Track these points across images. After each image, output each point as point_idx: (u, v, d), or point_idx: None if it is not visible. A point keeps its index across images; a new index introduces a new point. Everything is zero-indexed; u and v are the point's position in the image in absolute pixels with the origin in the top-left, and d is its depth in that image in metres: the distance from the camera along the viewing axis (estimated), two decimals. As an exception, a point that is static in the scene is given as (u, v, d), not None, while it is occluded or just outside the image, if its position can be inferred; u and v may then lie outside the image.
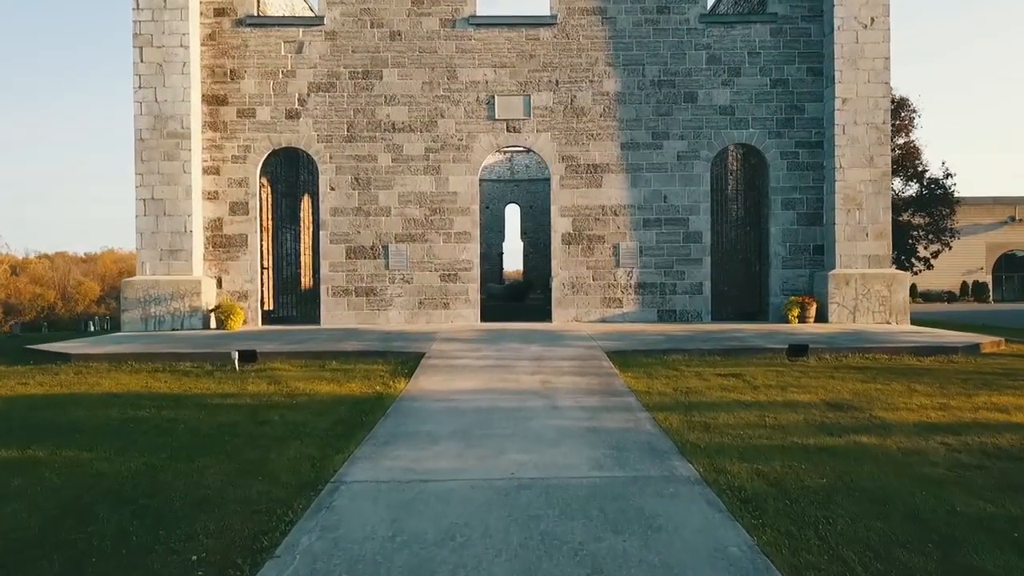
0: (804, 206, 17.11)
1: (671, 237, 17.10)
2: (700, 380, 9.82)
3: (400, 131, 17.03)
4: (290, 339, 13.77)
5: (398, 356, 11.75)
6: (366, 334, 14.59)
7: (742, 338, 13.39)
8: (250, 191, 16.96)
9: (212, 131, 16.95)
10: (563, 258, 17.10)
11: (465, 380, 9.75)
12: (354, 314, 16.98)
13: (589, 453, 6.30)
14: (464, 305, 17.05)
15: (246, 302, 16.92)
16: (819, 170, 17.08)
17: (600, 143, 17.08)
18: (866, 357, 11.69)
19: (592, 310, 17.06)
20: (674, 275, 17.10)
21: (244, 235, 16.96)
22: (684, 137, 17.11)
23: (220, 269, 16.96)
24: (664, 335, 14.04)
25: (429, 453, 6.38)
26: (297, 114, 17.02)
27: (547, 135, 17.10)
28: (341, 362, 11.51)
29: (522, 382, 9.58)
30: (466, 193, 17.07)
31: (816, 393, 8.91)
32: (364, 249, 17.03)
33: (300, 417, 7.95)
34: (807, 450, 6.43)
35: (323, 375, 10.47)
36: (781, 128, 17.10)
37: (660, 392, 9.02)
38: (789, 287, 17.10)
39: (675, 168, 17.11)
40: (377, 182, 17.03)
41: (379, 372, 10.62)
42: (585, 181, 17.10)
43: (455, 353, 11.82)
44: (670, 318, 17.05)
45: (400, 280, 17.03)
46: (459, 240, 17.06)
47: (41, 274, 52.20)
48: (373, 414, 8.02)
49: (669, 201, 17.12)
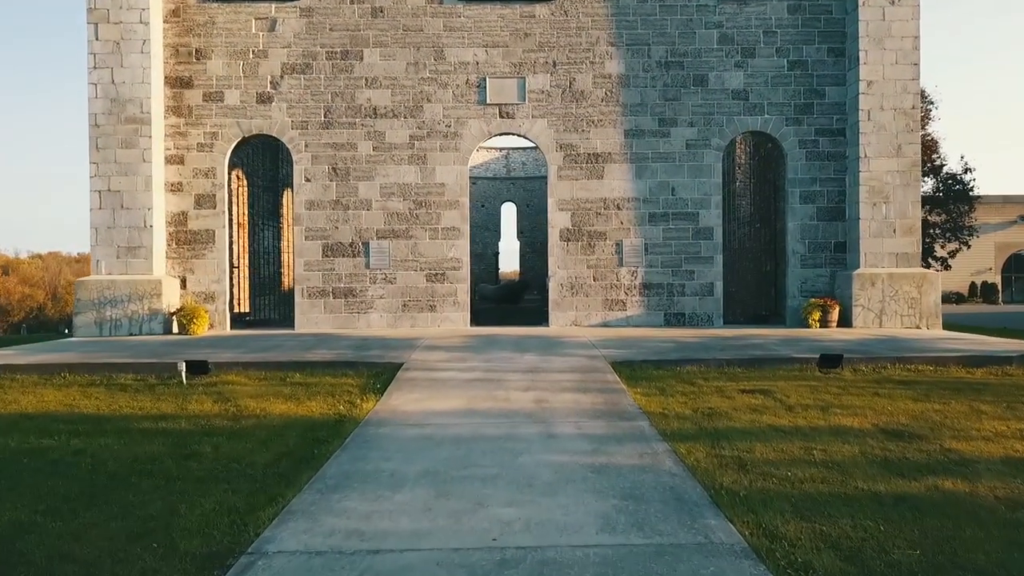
0: (825, 200, 15.64)
1: (679, 233, 15.61)
2: (723, 398, 8.33)
3: (382, 117, 15.52)
4: (255, 346, 12.26)
5: (372, 367, 10.24)
6: (341, 340, 13.08)
7: (763, 345, 11.91)
8: (217, 182, 15.44)
9: (175, 116, 15.43)
10: (561, 256, 15.60)
11: (446, 398, 8.26)
12: (331, 318, 15.46)
13: (596, 506, 4.82)
14: (452, 308, 15.55)
15: (213, 304, 15.39)
16: (841, 160, 15.60)
17: (602, 130, 15.59)
18: (908, 368, 10.21)
19: (593, 313, 15.57)
20: (683, 275, 15.61)
21: (211, 231, 15.43)
22: (693, 124, 15.63)
23: (184, 268, 15.44)
24: (674, 342, 12.55)
25: (388, 505, 4.89)
26: (269, 98, 15.50)
27: (543, 121, 15.60)
28: (306, 374, 10.00)
29: (513, 401, 8.08)
30: (454, 185, 15.56)
31: (865, 416, 7.43)
32: (342, 246, 15.52)
33: (238, 448, 6.45)
34: (879, 501, 4.95)
35: (281, 390, 8.96)
36: (799, 114, 15.62)
37: (678, 414, 7.53)
38: (808, 288, 15.63)
39: (684, 157, 15.63)
40: (357, 172, 15.52)
41: (347, 387, 9.12)
42: (585, 172, 15.61)
43: (438, 364, 10.32)
44: (678, 322, 15.57)
45: (382, 280, 15.52)
46: (447, 236, 15.56)
47: (31, 274, 50.83)
48: (328, 444, 6.54)
49: (677, 194, 15.63)
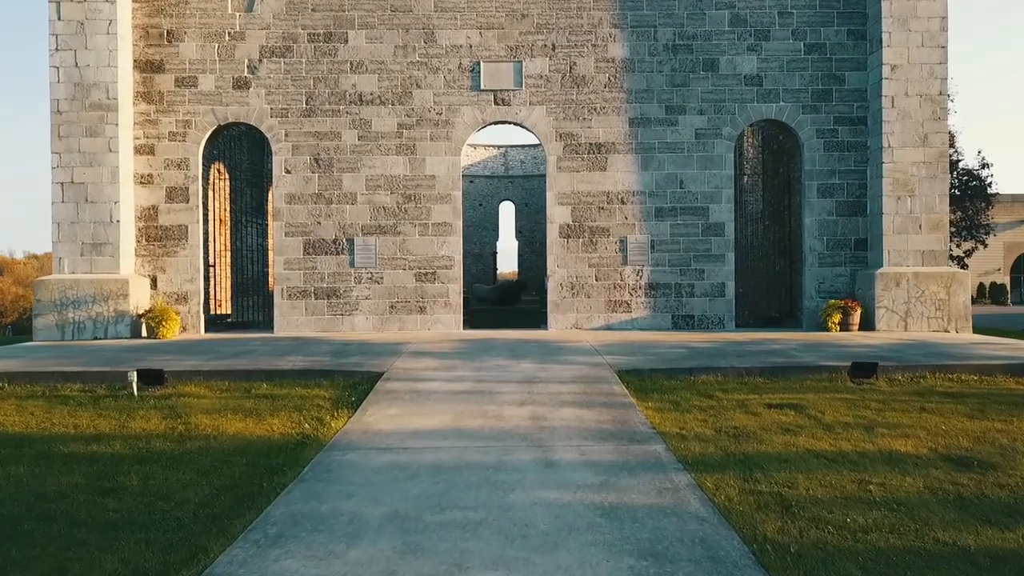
0: (844, 193, 14.53)
1: (688, 229, 14.50)
2: (748, 414, 7.23)
3: (368, 103, 14.41)
4: (224, 352, 11.14)
5: (349, 376, 9.13)
6: (321, 345, 11.97)
7: (783, 351, 10.80)
8: (191, 174, 14.32)
9: (145, 103, 14.32)
10: (561, 254, 14.49)
11: (429, 414, 7.14)
12: (313, 320, 14.35)
13: (608, 568, 3.71)
14: (443, 309, 14.43)
15: (186, 305, 14.27)
16: (862, 151, 14.50)
17: (604, 118, 14.49)
18: (950, 378, 9.10)
19: (595, 315, 14.46)
20: (692, 274, 14.50)
21: (183, 226, 14.31)
22: (703, 112, 14.52)
23: (155, 267, 14.32)
24: (685, 347, 11.44)
25: (338, 568, 3.78)
26: (246, 83, 14.38)
27: (542, 108, 14.50)
28: (275, 384, 8.89)
29: (506, 418, 6.97)
30: (446, 177, 14.45)
31: (919, 438, 6.32)
32: (325, 243, 14.40)
33: (173, 479, 5.35)
34: (973, 561, 3.84)
35: (242, 404, 7.85)
36: (817, 101, 14.52)
37: (698, 435, 6.43)
38: (826, 288, 14.52)
39: (693, 148, 14.52)
40: (341, 164, 14.40)
41: (318, 400, 8.02)
42: (587, 163, 14.50)
43: (423, 373, 9.21)
44: (687, 325, 14.46)
45: (368, 280, 14.41)
46: (438, 232, 14.44)
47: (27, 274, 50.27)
48: (282, 474, 5.44)
49: (686, 187, 14.53)
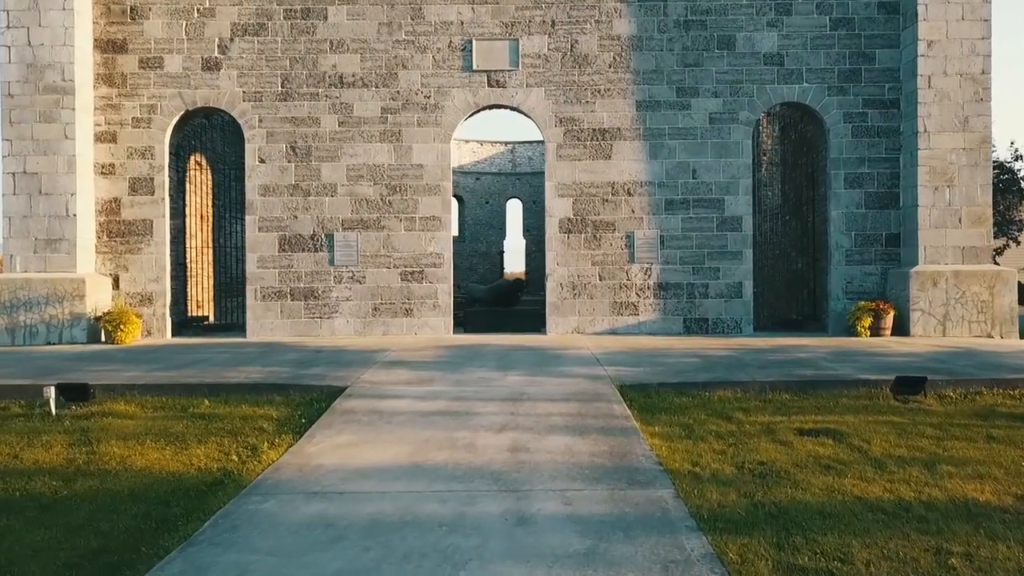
0: (874, 183, 13.13)
1: (702, 223, 13.15)
2: (777, 444, 5.89)
3: (350, 86, 13.15)
4: (177, 361, 9.91)
5: (306, 392, 7.86)
6: (288, 352, 10.71)
7: (811, 361, 9.44)
8: (156, 164, 13.11)
9: (107, 86, 13.12)
10: (561, 251, 13.17)
11: (385, 443, 5.86)
12: (289, 324, 13.10)
13: None
14: (431, 312, 13.15)
15: (151, 307, 13.07)
16: (895, 136, 13.10)
17: (609, 101, 13.16)
18: (1012, 395, 7.72)
19: (598, 318, 13.13)
20: (705, 273, 13.15)
21: (148, 221, 13.10)
22: (718, 94, 13.16)
23: (117, 265, 13.12)
24: (698, 355, 10.10)
25: None
26: (217, 64, 13.16)
27: (540, 91, 13.18)
28: (218, 401, 7.64)
29: (479, 449, 5.68)
30: (435, 166, 13.17)
31: (997, 480, 4.97)
32: (302, 239, 13.16)
33: (28, 540, 4.11)
34: None
35: (172, 427, 6.60)
36: (845, 82, 13.13)
37: (716, 474, 5.11)
38: (855, 289, 13.13)
39: (707, 134, 13.16)
40: (320, 152, 13.15)
41: (262, 421, 6.76)
42: (590, 151, 13.17)
43: (392, 388, 7.92)
44: (700, 329, 13.11)
45: (349, 279, 13.15)
46: (425, 227, 13.16)
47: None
48: (173, 532, 4.19)
49: (699, 177, 13.17)
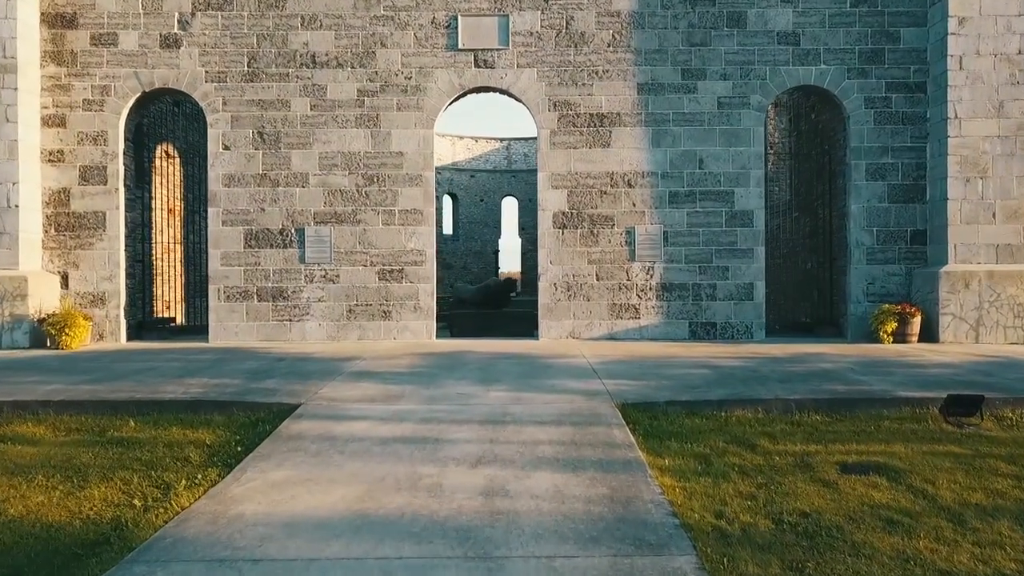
0: (899, 175, 11.99)
1: (709, 218, 11.99)
2: (817, 485, 4.73)
3: (323, 66, 11.97)
4: (115, 371, 8.71)
5: (251, 411, 6.67)
6: (246, 360, 9.51)
7: (838, 374, 8.27)
8: (109, 150, 11.90)
9: (55, 65, 11.91)
10: (555, 248, 12.00)
11: (330, 483, 4.67)
12: (256, 327, 11.90)
13: None
14: (412, 315, 11.96)
15: (103, 308, 11.86)
16: (921, 123, 11.95)
17: (608, 84, 11.99)
18: (1082, 417, 6.58)
19: (595, 322, 11.96)
20: (713, 272, 11.99)
21: (100, 213, 11.90)
22: (728, 76, 12.01)
23: (66, 261, 11.91)
24: (708, 365, 8.93)
25: None
26: (177, 41, 11.95)
27: (532, 72, 12.01)
28: (146, 421, 6.45)
29: (446, 492, 4.49)
30: (416, 154, 11.99)
31: (1120, 543, 3.82)
32: (270, 234, 11.96)
33: None
34: None
35: (81, 456, 5.42)
36: (866, 64, 11.98)
37: (749, 533, 3.93)
38: (876, 290, 11.98)
39: (715, 120, 12.00)
40: (290, 138, 11.96)
41: (191, 448, 5.58)
42: (587, 138, 12.01)
43: (352, 407, 6.73)
44: (707, 334, 11.94)
45: (321, 278, 11.96)
46: (406, 221, 11.98)
47: None
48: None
49: (706, 167, 12.02)
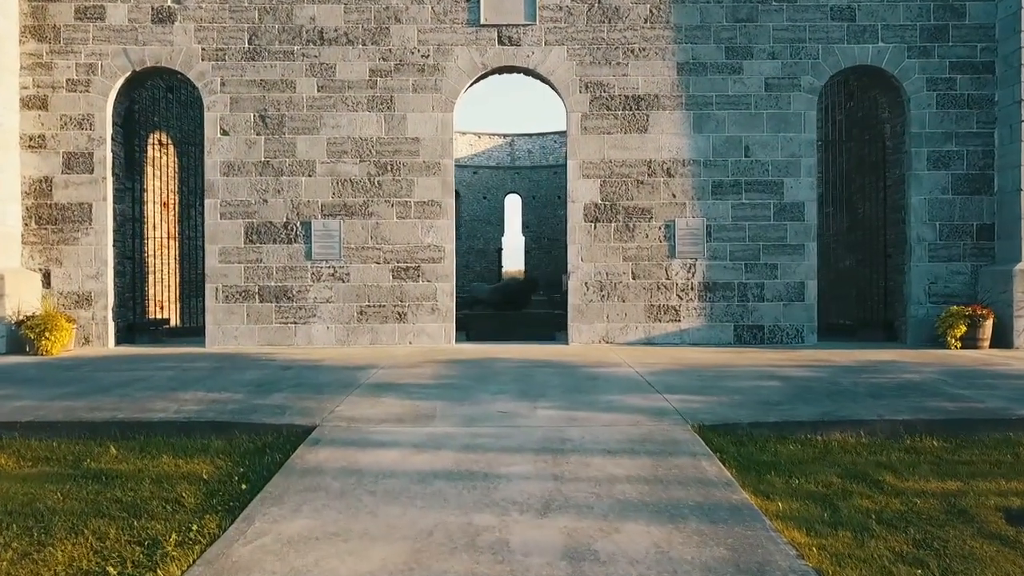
0: (963, 164, 10.94)
1: (756, 211, 10.93)
2: (997, 545, 3.63)
3: (331, 43, 10.89)
4: (100, 382, 7.62)
5: (258, 433, 5.58)
6: (248, 369, 8.42)
7: (930, 387, 7.20)
8: (96, 135, 10.82)
9: (36, 41, 10.82)
10: (586, 243, 10.94)
11: (365, 539, 3.55)
12: (257, 330, 10.82)
13: None
14: (429, 316, 10.89)
15: (89, 309, 10.77)
16: (988, 107, 10.91)
17: (645, 63, 10.92)
18: None
19: (630, 325, 10.89)
20: (760, 271, 10.93)
21: (86, 205, 10.82)
22: (776, 55, 10.95)
23: (48, 258, 10.82)
24: (773, 375, 7.85)
25: None
26: (170, 15, 10.87)
27: (561, 50, 10.94)
28: (133, 447, 5.36)
29: (515, 554, 3.36)
30: (433, 140, 10.92)
31: None
32: (273, 228, 10.88)
33: None
34: None
35: (48, 495, 4.33)
36: (928, 41, 10.93)
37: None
38: (940, 291, 10.92)
39: (762, 103, 10.95)
40: (295, 123, 10.89)
41: (184, 484, 4.48)
42: (621, 122, 10.94)
43: (377, 429, 5.64)
44: (753, 338, 10.88)
45: (329, 276, 10.88)
46: (422, 214, 10.91)
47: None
48: None
49: (753, 154, 10.96)
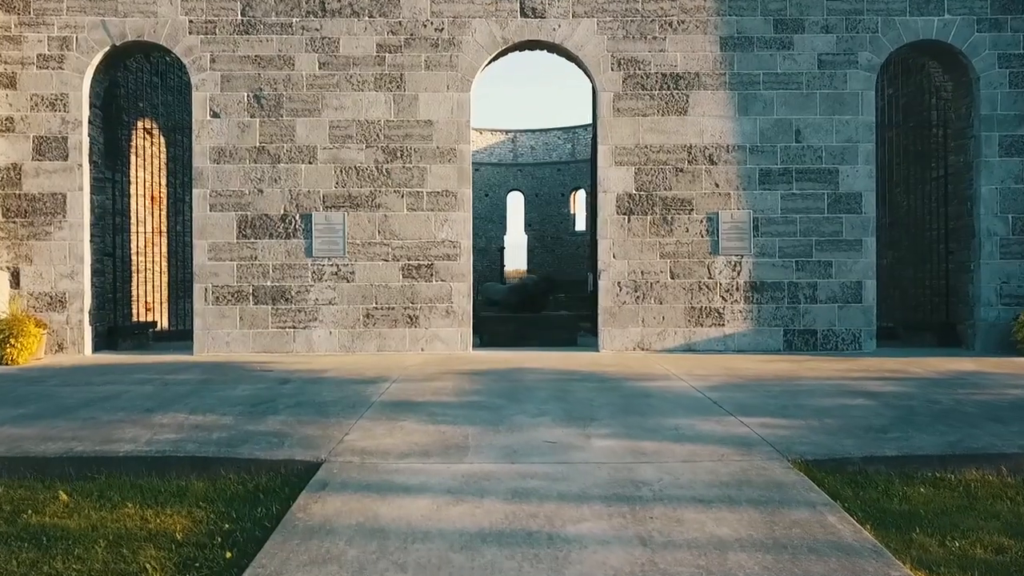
0: (1039, 150, 9.84)
1: (808, 202, 9.81)
2: None
3: (334, 15, 9.75)
4: (64, 400, 6.48)
5: (248, 472, 4.44)
6: (240, 383, 7.27)
7: (1045, 404, 6.08)
8: (71, 117, 9.67)
9: (3, 12, 9.67)
10: (619, 238, 9.81)
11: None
12: (252, 336, 9.68)
13: None
14: (443, 320, 9.75)
15: (63, 312, 9.63)
16: (1067, 86, 9.81)
17: (684, 37, 9.80)
18: None
19: (668, 330, 9.77)
20: (813, 269, 9.81)
21: (60, 196, 9.68)
22: (830, 28, 9.82)
23: (17, 255, 9.68)
24: (856, 390, 6.71)
25: None
26: (154, -16, 9.74)
27: (591, 23, 9.81)
28: (87, 492, 4.22)
29: None
30: (448, 123, 9.78)
31: None
32: (269, 221, 9.74)
33: None
34: None
35: (-49, 573, 3.20)
36: (999, 14, 9.81)
37: None
38: (1013, 291, 9.80)
39: (814, 82, 9.82)
40: (294, 104, 9.75)
41: (150, 550, 3.34)
42: (658, 103, 9.81)
43: (399, 467, 4.50)
44: (805, 344, 9.76)
45: (332, 276, 9.74)
46: (435, 206, 9.77)
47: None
48: None
49: (804, 139, 9.83)
